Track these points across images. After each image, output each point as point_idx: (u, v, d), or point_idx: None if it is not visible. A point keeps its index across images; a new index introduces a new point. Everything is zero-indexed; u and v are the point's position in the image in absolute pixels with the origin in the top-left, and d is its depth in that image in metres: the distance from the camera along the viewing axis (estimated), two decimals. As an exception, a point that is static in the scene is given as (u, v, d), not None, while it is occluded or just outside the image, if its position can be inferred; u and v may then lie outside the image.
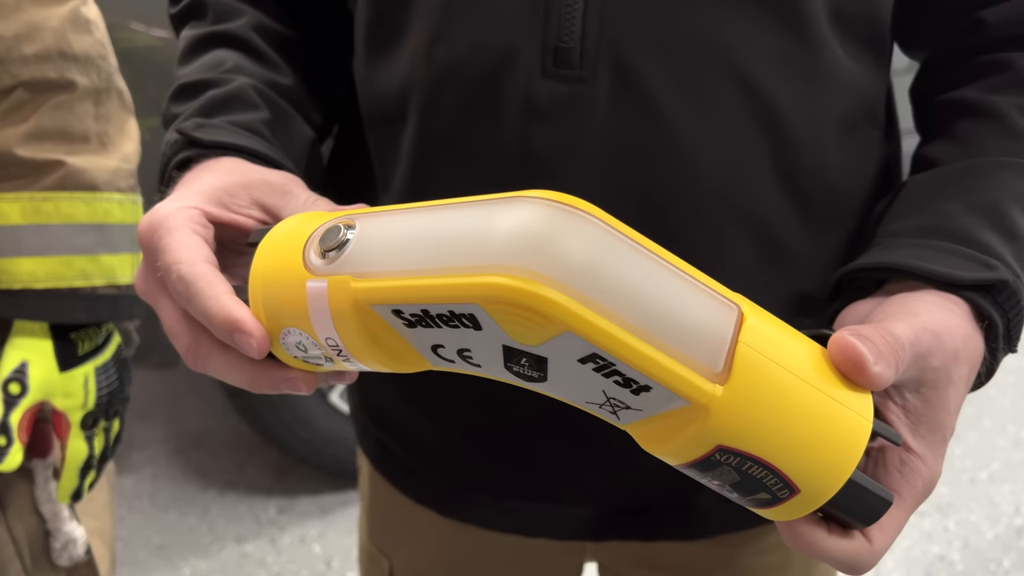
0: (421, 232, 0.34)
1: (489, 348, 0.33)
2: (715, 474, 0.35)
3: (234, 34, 0.54)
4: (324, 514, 1.82)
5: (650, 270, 0.33)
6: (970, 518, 1.83)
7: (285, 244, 0.38)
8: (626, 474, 0.55)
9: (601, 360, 0.32)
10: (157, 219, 0.40)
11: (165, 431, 2.06)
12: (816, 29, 0.46)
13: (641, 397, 0.33)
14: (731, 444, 0.33)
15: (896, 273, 0.43)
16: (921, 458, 0.39)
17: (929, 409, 0.39)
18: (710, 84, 0.45)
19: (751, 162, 0.47)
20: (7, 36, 0.67)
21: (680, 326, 0.32)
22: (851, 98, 0.50)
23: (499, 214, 0.33)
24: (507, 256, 0.31)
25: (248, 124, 0.49)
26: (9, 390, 0.68)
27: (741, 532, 0.60)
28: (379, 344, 0.35)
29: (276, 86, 0.53)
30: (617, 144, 0.46)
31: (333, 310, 0.35)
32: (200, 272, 0.38)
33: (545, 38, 0.45)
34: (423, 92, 0.49)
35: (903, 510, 0.39)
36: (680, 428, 0.34)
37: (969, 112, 0.50)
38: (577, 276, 0.31)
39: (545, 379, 0.34)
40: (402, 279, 0.33)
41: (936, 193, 0.47)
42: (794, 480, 0.34)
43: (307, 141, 0.53)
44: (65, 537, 0.77)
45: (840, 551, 0.38)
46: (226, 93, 0.50)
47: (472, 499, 0.60)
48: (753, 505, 0.37)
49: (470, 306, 0.32)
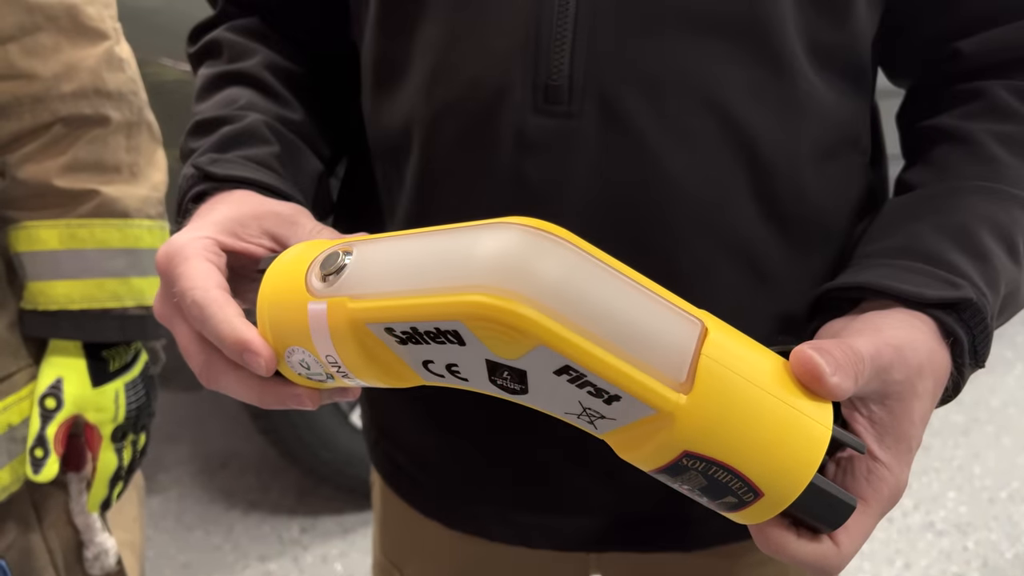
0: (411, 256, 0.37)
1: (474, 362, 0.36)
2: (684, 479, 0.38)
3: (247, 72, 0.58)
4: (346, 533, 1.85)
5: (617, 288, 0.36)
6: (989, 537, 1.81)
7: (290, 269, 0.41)
8: (625, 485, 0.57)
9: (574, 372, 0.35)
10: (174, 249, 0.44)
11: (191, 452, 2.10)
12: (792, 62, 0.49)
13: (613, 407, 0.36)
14: (696, 450, 0.36)
15: (868, 292, 0.45)
16: (887, 467, 0.41)
17: (894, 420, 0.42)
18: (690, 117, 0.48)
19: (732, 190, 0.50)
20: (47, 76, 0.72)
21: (645, 340, 0.35)
22: (830, 126, 0.52)
23: (479, 239, 0.36)
24: (486, 276, 0.34)
25: (260, 158, 0.52)
26: (46, 405, 0.72)
27: (737, 543, 0.61)
28: (374, 360, 0.38)
29: (286, 121, 0.56)
30: (605, 175, 0.48)
31: (332, 329, 0.38)
32: (212, 297, 0.41)
33: (536, 76, 0.48)
34: (424, 127, 0.52)
35: (870, 516, 0.41)
36: (649, 436, 0.36)
37: (945, 138, 0.52)
38: (549, 294, 0.34)
39: (526, 391, 0.37)
40: (393, 299, 0.36)
41: (909, 216, 0.50)
42: (757, 484, 0.36)
43: (315, 173, 0.57)
44: (98, 548, 0.80)
45: (808, 554, 0.40)
46: (239, 129, 0.53)
47: (476, 511, 0.62)
48: (723, 509, 0.39)
49: (454, 323, 0.35)
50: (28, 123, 0.72)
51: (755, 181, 0.50)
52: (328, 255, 0.40)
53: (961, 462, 2.05)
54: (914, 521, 1.86)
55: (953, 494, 1.94)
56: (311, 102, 0.60)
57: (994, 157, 0.50)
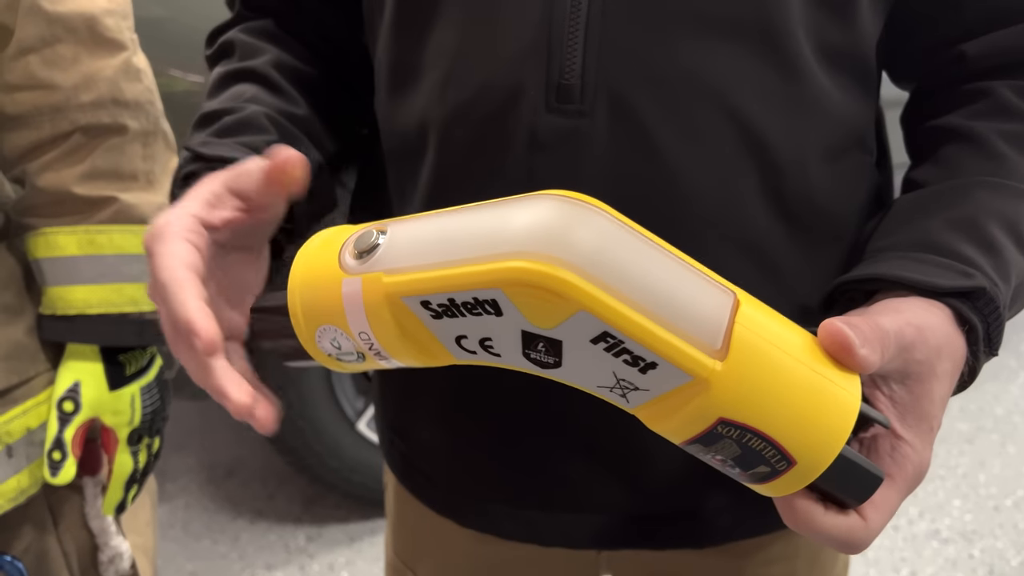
0: (446, 231, 0.38)
1: (509, 335, 0.37)
2: (718, 448, 0.38)
3: (255, 69, 0.59)
4: (352, 542, 1.85)
5: (654, 257, 0.36)
6: (995, 545, 1.81)
7: (321, 251, 0.42)
8: (637, 482, 0.58)
9: (612, 339, 0.35)
10: (155, 229, 0.44)
11: (198, 461, 2.11)
12: (801, 63, 0.50)
13: (648, 376, 0.36)
14: (731, 416, 0.36)
15: (883, 283, 0.46)
16: (910, 444, 0.42)
17: (915, 400, 0.42)
18: (700, 116, 0.49)
19: (742, 189, 0.51)
20: (66, 86, 0.73)
21: (682, 307, 0.36)
22: (838, 126, 0.53)
23: (516, 210, 0.37)
24: (525, 244, 0.35)
25: (254, 144, 0.52)
26: (64, 408, 0.73)
27: (747, 541, 0.62)
28: (408, 336, 0.39)
29: (289, 115, 0.57)
30: (616, 174, 0.49)
31: (367, 304, 0.38)
32: (174, 277, 0.42)
33: (548, 76, 0.49)
34: (438, 129, 0.53)
35: (896, 492, 0.42)
36: (684, 404, 0.36)
37: (953, 137, 0.53)
38: (588, 260, 0.34)
39: (560, 364, 0.37)
40: (430, 271, 0.37)
41: (920, 212, 0.51)
42: (790, 451, 0.37)
43: (315, 165, 0.56)
44: (112, 551, 0.81)
45: (835, 527, 0.40)
46: (238, 119, 0.54)
47: (489, 509, 0.62)
48: (753, 480, 0.40)
49: (492, 291, 0.35)
50: (48, 132, 0.73)
51: (765, 180, 0.51)
52: (362, 234, 0.40)
53: (966, 470, 2.05)
54: (919, 529, 1.86)
55: (958, 502, 1.94)
56: (317, 100, 0.60)
57: (1001, 154, 0.51)
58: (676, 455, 0.56)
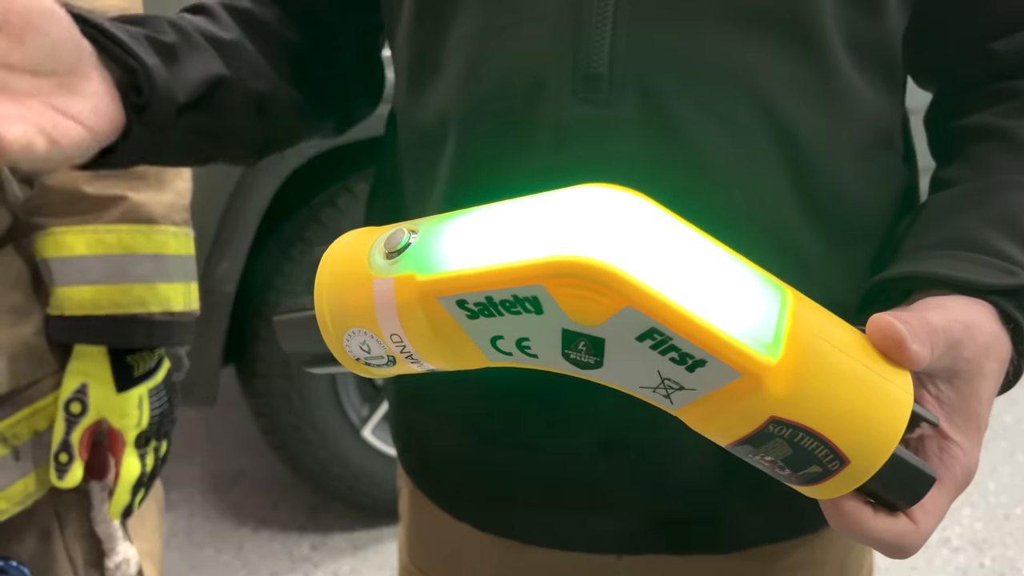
0: (481, 228, 0.37)
1: (548, 334, 0.35)
2: (767, 448, 0.37)
3: (204, 4, 0.57)
4: (357, 551, 1.83)
5: (701, 250, 0.35)
6: (1006, 553, 1.80)
7: (348, 252, 0.40)
8: (663, 486, 0.57)
9: (659, 335, 0.33)
10: None
11: (201, 470, 2.10)
12: (832, 57, 0.49)
13: (696, 374, 0.35)
14: (784, 415, 0.35)
15: (923, 282, 0.45)
16: (959, 445, 0.41)
17: (962, 399, 0.41)
18: (732, 107, 0.48)
19: (772, 182, 0.50)
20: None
21: (732, 301, 0.34)
22: (866, 122, 0.53)
23: (556, 204, 0.35)
24: (568, 238, 0.33)
25: (131, 32, 0.47)
26: (71, 410, 0.72)
27: (773, 546, 0.61)
28: (441, 338, 0.37)
29: (205, 33, 0.53)
30: (645, 165, 0.48)
31: (399, 304, 0.37)
32: None
33: (575, 64, 0.48)
34: (459, 121, 0.52)
35: (945, 495, 0.40)
36: (733, 403, 0.35)
37: (984, 136, 0.53)
38: (636, 254, 0.33)
39: (601, 364, 0.36)
40: (467, 269, 0.35)
41: (955, 210, 0.50)
42: (844, 450, 0.36)
43: (210, 76, 0.52)
44: (119, 557, 0.79)
45: (887, 531, 0.39)
46: (138, 16, 0.50)
47: (510, 513, 0.61)
48: (803, 482, 0.38)
49: (534, 288, 0.33)
50: (57, 130, 0.73)
51: (795, 174, 0.50)
52: (392, 233, 0.39)
53: (976, 478, 2.02)
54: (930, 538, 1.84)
55: (968, 511, 1.92)
56: (264, 43, 0.58)
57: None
58: (703, 458, 0.55)
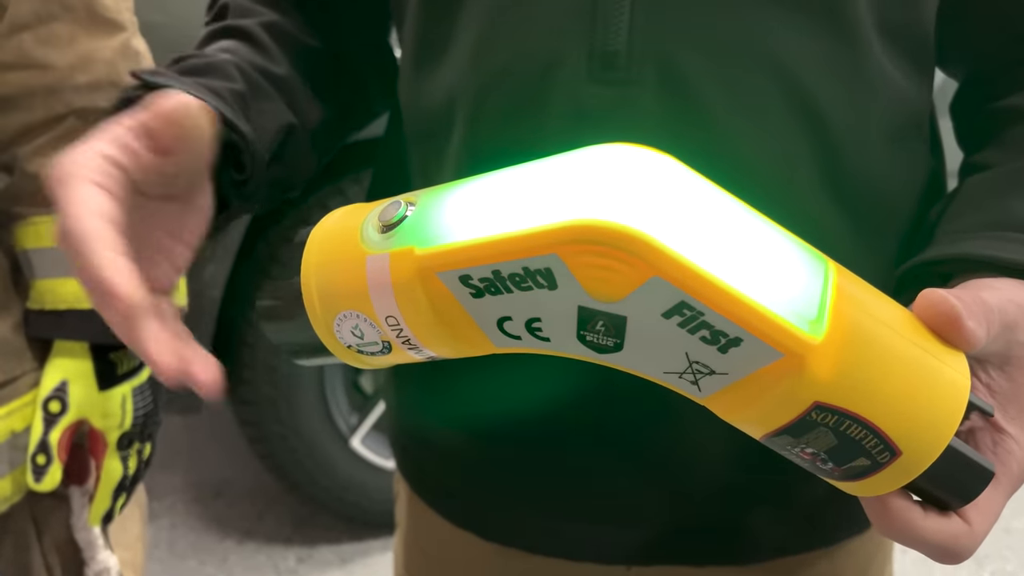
0: (488, 194, 0.33)
1: (562, 313, 0.32)
2: (810, 439, 0.33)
3: (241, 27, 0.55)
4: (344, 564, 1.79)
5: (736, 216, 0.32)
6: (1005, 567, 1.78)
7: (340, 228, 0.37)
8: (681, 494, 0.54)
9: (689, 311, 0.30)
10: (59, 171, 0.38)
11: (184, 480, 2.05)
12: (862, 35, 0.47)
13: (729, 355, 0.31)
14: (829, 400, 0.31)
15: (964, 264, 0.43)
16: (1014, 438, 0.37)
17: (1016, 388, 0.38)
18: (756, 86, 0.46)
19: (798, 165, 0.48)
20: (61, 66, 0.69)
21: (771, 273, 0.31)
22: (896, 108, 0.51)
23: (572, 164, 0.32)
24: (587, 200, 0.30)
25: (212, 87, 0.46)
26: (49, 408, 0.69)
27: (791, 557, 0.58)
28: (442, 320, 0.34)
29: (265, 72, 0.52)
30: (664, 146, 0.45)
31: (395, 283, 0.33)
32: (88, 228, 0.36)
33: (592, 41, 0.46)
34: (469, 101, 0.49)
35: (1000, 492, 0.37)
36: (771, 387, 0.31)
37: (1018, 118, 0.51)
38: (663, 217, 0.29)
39: (621, 347, 0.32)
40: (471, 239, 0.32)
41: (993, 191, 0.48)
42: (895, 441, 0.32)
43: (282, 124, 0.52)
44: (99, 566, 0.76)
45: (940, 533, 0.35)
46: (204, 62, 0.49)
47: (517, 521, 0.59)
48: (848, 476, 0.35)
49: (547, 258, 0.30)
50: (40, 115, 0.69)
51: (822, 157, 0.48)
52: (388, 205, 0.35)
53: (972, 492, 2.02)
54: (927, 551, 1.83)
55: (965, 524, 1.91)
56: (305, 67, 0.56)
57: None
58: (721, 464, 0.53)
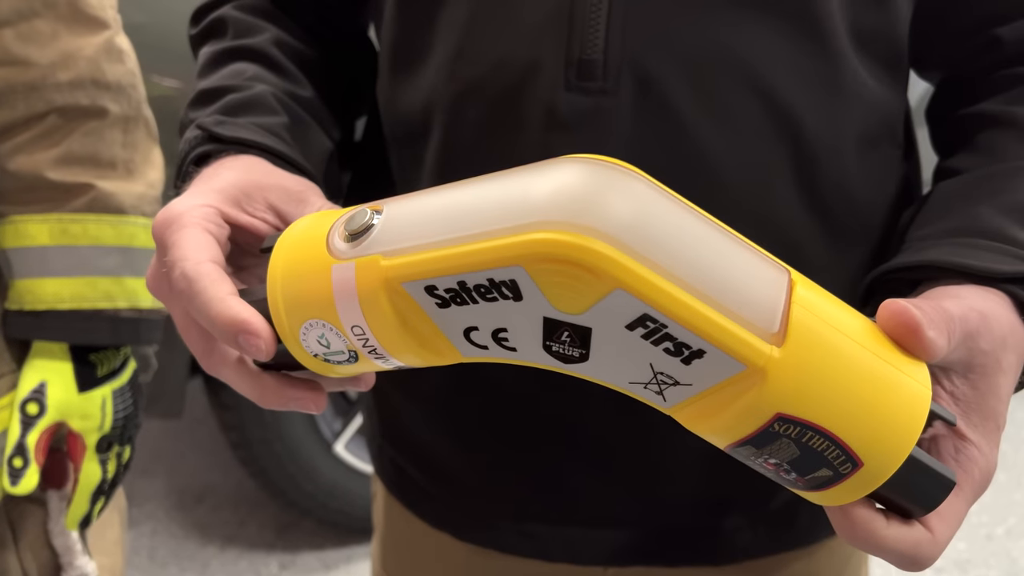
0: (453, 204, 0.33)
1: (528, 324, 0.32)
2: (772, 450, 0.33)
3: (255, 48, 0.55)
4: (327, 570, 1.78)
5: (700, 228, 0.32)
6: (988, 574, 1.78)
7: (306, 235, 0.36)
8: (652, 496, 0.54)
9: (652, 323, 0.30)
10: (171, 215, 0.40)
11: (166, 486, 2.03)
12: (836, 44, 0.47)
13: (692, 367, 0.32)
14: (791, 412, 0.32)
15: (933, 271, 0.43)
16: (976, 446, 0.38)
17: (979, 396, 0.39)
18: (731, 96, 0.46)
19: (773, 174, 0.48)
20: (43, 63, 0.68)
21: (733, 285, 0.31)
22: (870, 114, 0.51)
23: (538, 176, 0.32)
24: (551, 213, 0.30)
25: (268, 126, 0.49)
26: (27, 410, 0.68)
27: (768, 558, 0.58)
28: (409, 329, 0.34)
29: (295, 97, 0.53)
30: (640, 155, 0.45)
31: (361, 293, 0.33)
32: (204, 271, 0.37)
33: (568, 51, 0.45)
34: (446, 108, 0.49)
35: (963, 500, 0.37)
36: (735, 399, 0.32)
37: (990, 123, 0.51)
38: (625, 231, 0.30)
39: (587, 357, 0.33)
40: (436, 250, 0.32)
41: (963, 198, 0.48)
42: (857, 452, 0.32)
43: (325, 151, 0.53)
44: (77, 571, 0.75)
45: (901, 541, 0.36)
46: (246, 97, 0.50)
47: (491, 522, 0.59)
48: (809, 487, 0.35)
49: (512, 270, 0.30)
50: (21, 112, 0.69)
51: (798, 167, 0.48)
52: (354, 214, 0.35)
53: (955, 499, 2.03)
54: (910, 558, 1.83)
55: (948, 531, 1.92)
56: (320, 83, 0.57)
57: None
58: (695, 466, 0.53)
